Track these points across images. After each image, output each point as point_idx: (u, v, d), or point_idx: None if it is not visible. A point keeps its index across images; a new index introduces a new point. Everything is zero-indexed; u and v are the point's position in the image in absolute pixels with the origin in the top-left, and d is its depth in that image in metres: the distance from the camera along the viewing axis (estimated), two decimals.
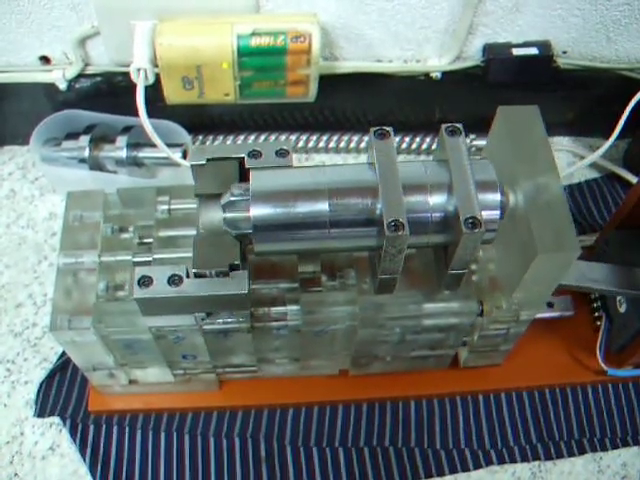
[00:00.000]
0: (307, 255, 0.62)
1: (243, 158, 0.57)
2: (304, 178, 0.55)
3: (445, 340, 0.67)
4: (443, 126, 0.55)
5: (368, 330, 0.64)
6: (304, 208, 0.53)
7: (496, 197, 0.54)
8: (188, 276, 0.54)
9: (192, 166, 0.57)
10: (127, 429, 0.74)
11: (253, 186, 0.54)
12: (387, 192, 0.52)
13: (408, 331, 0.65)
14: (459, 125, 0.55)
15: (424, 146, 0.95)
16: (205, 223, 0.55)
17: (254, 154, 0.57)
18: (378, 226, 0.52)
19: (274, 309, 0.61)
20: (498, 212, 0.54)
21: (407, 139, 0.95)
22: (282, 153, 0.57)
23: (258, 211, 0.53)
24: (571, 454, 0.75)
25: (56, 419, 0.75)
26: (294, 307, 0.61)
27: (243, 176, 0.56)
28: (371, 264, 0.59)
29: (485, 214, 0.51)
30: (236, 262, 0.53)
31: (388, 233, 0.50)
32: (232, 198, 0.54)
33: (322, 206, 0.53)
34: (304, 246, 0.55)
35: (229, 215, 0.54)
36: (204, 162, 0.57)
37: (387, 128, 0.54)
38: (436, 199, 0.53)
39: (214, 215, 0.55)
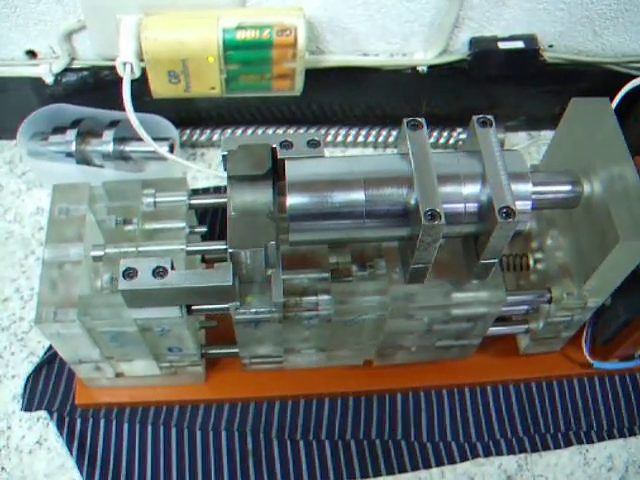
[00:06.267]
0: (337, 245, 0.62)
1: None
2: (339, 168, 0.55)
3: (471, 330, 0.67)
4: (474, 117, 0.56)
5: (397, 320, 0.63)
6: (340, 198, 0.53)
7: (528, 188, 0.55)
8: (173, 268, 0.54)
9: (224, 156, 0.57)
10: (114, 422, 0.74)
11: (289, 176, 0.54)
12: (422, 182, 0.52)
13: (436, 321, 0.65)
14: (490, 116, 0.55)
15: None
16: (237, 204, 0.55)
17: (286, 144, 0.57)
18: (413, 216, 0.53)
19: (305, 299, 0.60)
20: (530, 202, 0.55)
21: (394, 133, 0.95)
22: (313, 143, 0.58)
23: (294, 200, 0.53)
24: (557, 446, 0.76)
25: (43, 413, 0.75)
26: (325, 297, 0.60)
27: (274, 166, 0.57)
28: (402, 254, 0.59)
29: (518, 204, 0.52)
30: (272, 242, 0.53)
31: (425, 222, 0.50)
32: None
33: (358, 196, 0.53)
34: (338, 236, 0.56)
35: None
36: (235, 149, 0.57)
37: (419, 119, 0.55)
38: (469, 189, 0.54)
39: (247, 196, 0.55)
